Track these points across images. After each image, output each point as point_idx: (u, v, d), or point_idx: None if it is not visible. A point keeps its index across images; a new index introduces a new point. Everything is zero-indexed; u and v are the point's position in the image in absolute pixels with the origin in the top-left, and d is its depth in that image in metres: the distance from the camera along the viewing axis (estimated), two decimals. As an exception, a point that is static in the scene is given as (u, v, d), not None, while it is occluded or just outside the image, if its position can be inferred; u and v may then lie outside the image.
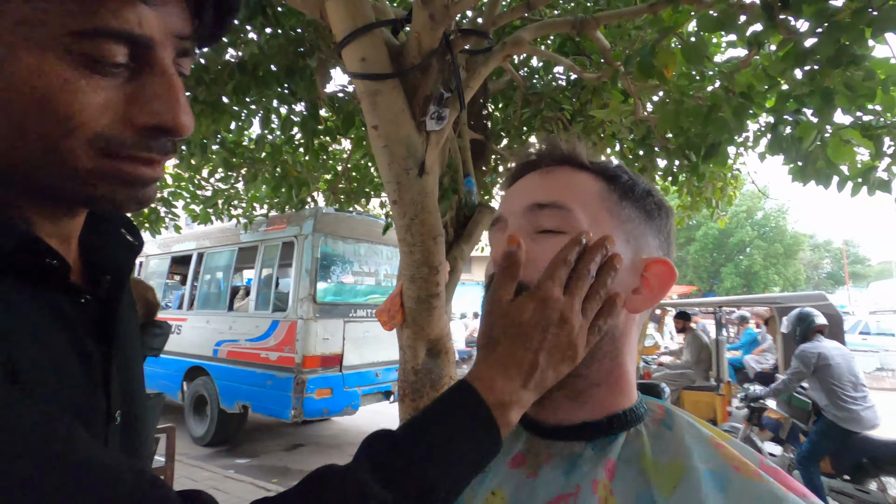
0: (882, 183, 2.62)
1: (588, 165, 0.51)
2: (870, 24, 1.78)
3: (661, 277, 0.49)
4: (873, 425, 3.36)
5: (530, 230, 0.49)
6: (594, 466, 0.44)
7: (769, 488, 0.39)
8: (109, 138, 0.34)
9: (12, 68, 0.31)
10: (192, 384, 5.77)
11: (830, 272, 39.95)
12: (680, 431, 0.46)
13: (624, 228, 0.49)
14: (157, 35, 0.34)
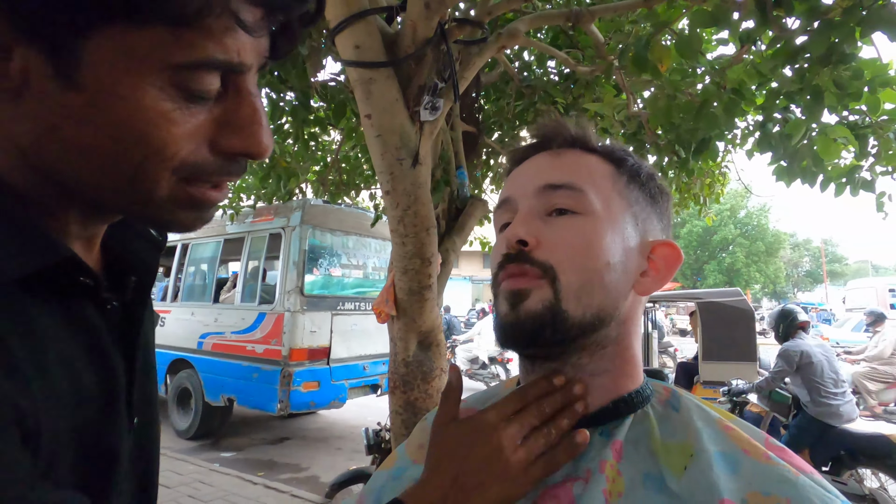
0: (865, 182, 2.68)
1: (597, 148, 0.51)
2: (860, 24, 1.81)
3: (668, 260, 0.49)
4: (851, 419, 3.46)
5: (542, 211, 0.49)
6: (602, 448, 0.44)
7: (780, 471, 0.39)
8: (194, 166, 0.34)
9: (110, 99, 0.30)
10: (176, 377, 5.69)
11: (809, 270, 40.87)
12: (688, 413, 0.46)
13: (632, 211, 0.49)
14: (249, 61, 0.34)
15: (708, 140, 2.58)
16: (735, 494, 0.38)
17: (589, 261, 0.46)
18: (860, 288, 18.46)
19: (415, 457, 0.55)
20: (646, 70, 2.08)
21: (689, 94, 2.54)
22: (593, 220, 0.47)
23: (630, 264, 0.48)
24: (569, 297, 0.45)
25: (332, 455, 5.07)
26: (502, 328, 0.46)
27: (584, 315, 0.45)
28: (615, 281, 0.46)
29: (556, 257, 0.46)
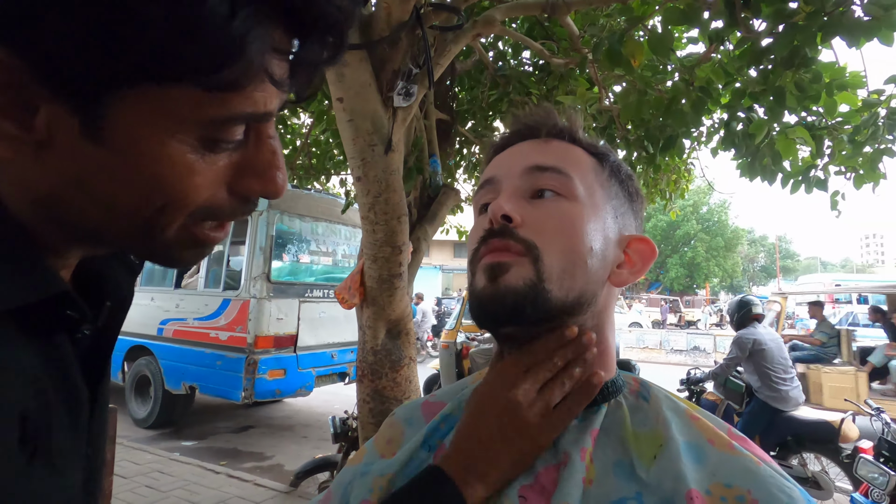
0: (819, 181, 2.80)
1: (583, 141, 0.52)
2: (822, 28, 1.88)
3: (643, 254, 0.51)
4: (798, 404, 3.66)
5: (526, 192, 0.48)
6: (581, 434, 0.45)
7: (743, 462, 0.40)
8: (210, 209, 0.34)
9: (135, 154, 0.30)
10: (135, 364, 5.49)
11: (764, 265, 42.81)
12: (657, 403, 0.47)
13: (612, 204, 0.50)
14: (274, 109, 0.33)
15: (675, 137, 2.64)
16: (700, 484, 0.39)
17: (573, 243, 0.46)
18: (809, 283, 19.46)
19: (383, 451, 0.54)
20: (619, 65, 2.10)
21: (660, 91, 2.59)
22: (579, 205, 0.47)
23: (609, 254, 0.48)
24: (552, 277, 0.44)
25: (298, 443, 5.03)
26: (480, 302, 0.46)
27: (566, 297, 0.45)
28: (595, 267, 0.47)
29: (540, 237, 0.45)
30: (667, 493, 0.39)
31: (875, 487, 2.24)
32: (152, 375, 5.30)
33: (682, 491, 0.38)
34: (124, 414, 5.36)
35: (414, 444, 0.51)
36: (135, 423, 5.30)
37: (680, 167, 4.09)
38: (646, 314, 20.67)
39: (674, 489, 0.39)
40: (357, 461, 0.55)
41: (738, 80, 2.46)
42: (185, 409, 5.40)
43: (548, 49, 2.87)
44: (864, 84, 2.50)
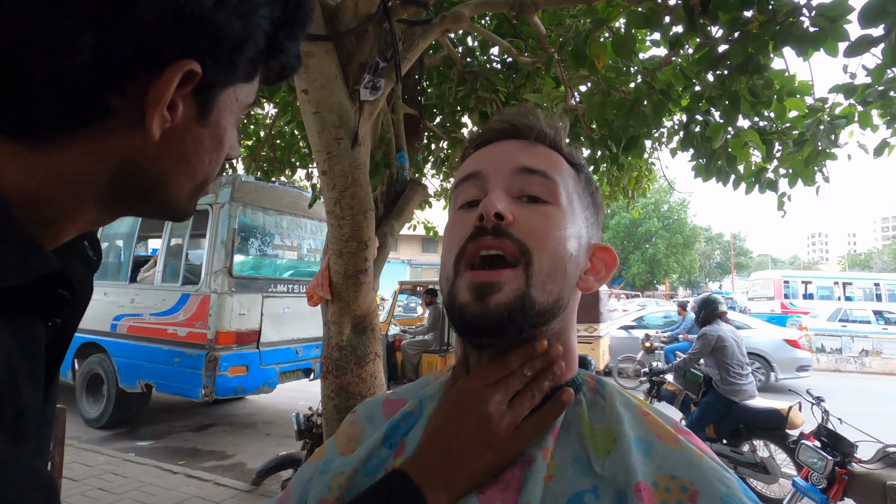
0: (770, 183, 2.94)
1: (564, 150, 0.53)
2: (774, 37, 1.97)
3: (607, 262, 0.53)
4: (752, 396, 3.86)
5: (514, 192, 0.49)
6: (543, 434, 0.46)
7: (687, 455, 0.42)
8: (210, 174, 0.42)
9: (219, 130, 0.40)
10: (86, 362, 5.25)
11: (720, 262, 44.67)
12: (612, 399, 0.49)
13: (585, 214, 0.52)
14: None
15: (637, 137, 2.72)
16: (648, 477, 0.41)
17: (558, 248, 0.47)
18: (760, 279, 20.45)
19: (342, 449, 0.54)
20: (584, 65, 2.14)
21: (623, 92, 2.66)
22: (562, 212, 0.49)
23: (581, 261, 0.50)
24: (538, 282, 0.45)
25: (261, 441, 4.93)
26: (463, 316, 0.45)
27: (547, 301, 0.46)
28: (572, 272, 0.48)
29: (530, 239, 0.46)
30: (619, 486, 0.41)
31: (814, 472, 2.39)
32: (105, 373, 5.08)
33: (631, 483, 0.40)
34: (75, 414, 5.12)
35: (374, 442, 0.51)
36: (86, 424, 5.07)
37: (642, 166, 4.21)
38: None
39: (625, 481, 0.41)
40: (317, 458, 0.55)
41: (696, 84, 2.55)
42: (140, 407, 5.21)
43: (515, 47, 2.89)
44: (811, 91, 2.64)
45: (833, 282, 18.95)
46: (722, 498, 0.39)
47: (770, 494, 3.86)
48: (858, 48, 1.82)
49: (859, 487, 2.29)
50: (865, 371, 11.12)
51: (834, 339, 11.90)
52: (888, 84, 2.20)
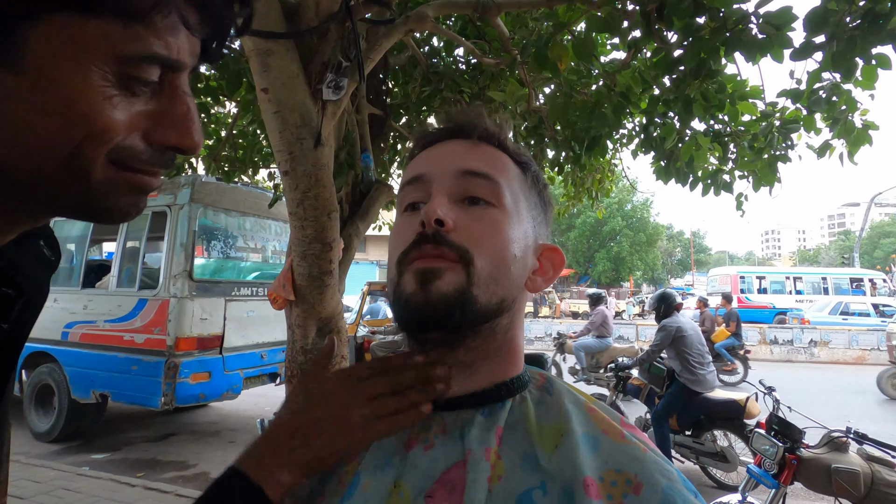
0: (726, 184, 3.07)
1: (509, 149, 0.53)
2: (724, 43, 2.05)
3: (554, 262, 0.53)
4: (713, 387, 4.01)
5: (458, 195, 0.49)
6: (485, 433, 0.46)
7: (631, 449, 0.43)
8: (128, 151, 0.34)
9: (53, 83, 0.31)
10: (35, 372, 4.97)
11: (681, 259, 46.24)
12: (559, 397, 0.49)
13: (532, 213, 0.52)
14: (186, 60, 0.35)
15: (599, 138, 2.78)
16: (595, 472, 0.42)
17: (501, 251, 0.47)
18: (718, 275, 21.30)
19: None
20: (546, 67, 2.18)
21: (585, 94, 2.71)
22: (506, 214, 0.48)
23: (527, 261, 0.50)
24: (480, 283, 0.45)
25: (225, 449, 4.79)
26: (407, 307, 0.45)
27: (489, 301, 0.46)
28: (517, 274, 0.48)
29: (471, 243, 0.46)
30: (566, 481, 0.41)
31: (766, 458, 2.51)
32: (56, 384, 4.82)
33: (579, 478, 0.41)
34: (22, 428, 4.84)
35: None
36: (35, 438, 4.80)
37: (604, 167, 4.31)
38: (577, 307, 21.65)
39: (572, 477, 0.41)
40: None
41: (654, 87, 2.64)
42: (95, 419, 4.97)
43: (479, 49, 2.91)
44: (761, 95, 2.76)
45: (785, 276, 19.94)
46: (664, 489, 0.40)
47: (729, 482, 4.03)
48: (803, 53, 1.92)
49: (807, 471, 2.41)
50: (814, 360, 11.74)
51: (785, 331, 12.51)
52: (830, 90, 2.33)
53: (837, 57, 1.80)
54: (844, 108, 2.37)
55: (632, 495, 0.40)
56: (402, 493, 0.44)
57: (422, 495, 0.44)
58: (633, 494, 0.40)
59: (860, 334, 11.81)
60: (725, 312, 8.89)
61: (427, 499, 0.43)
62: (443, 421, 0.48)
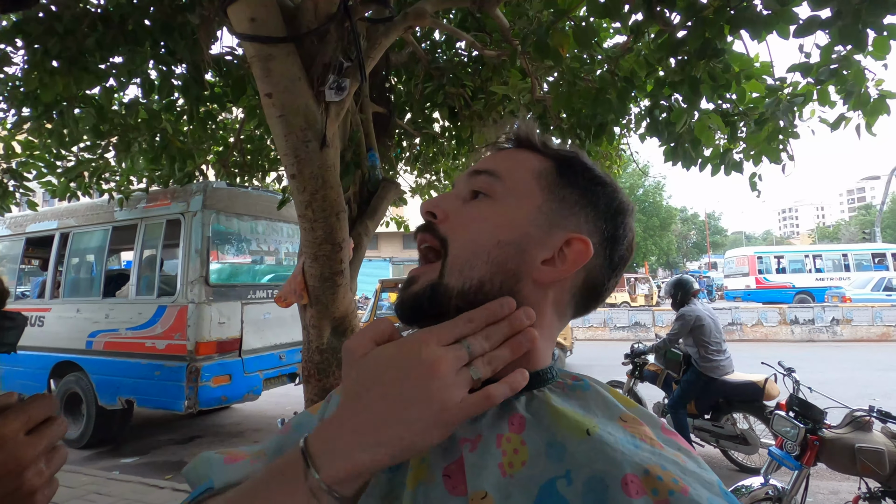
0: (736, 164, 3.02)
1: (538, 146, 0.55)
2: (729, 22, 2.01)
3: (575, 254, 0.50)
4: (729, 371, 3.97)
5: (465, 193, 0.53)
6: (497, 420, 0.45)
7: (672, 458, 0.42)
8: None
9: None
10: (63, 381, 5.11)
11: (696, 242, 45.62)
12: (594, 391, 0.49)
13: (552, 205, 0.51)
14: None
15: (605, 124, 2.76)
16: (638, 468, 0.40)
17: (479, 236, 0.49)
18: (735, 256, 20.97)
19: None
20: (547, 55, 2.16)
21: (588, 81, 2.69)
22: (499, 204, 0.50)
23: (529, 250, 0.49)
24: (453, 270, 0.48)
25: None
26: (397, 303, 0.51)
27: (463, 285, 0.47)
28: (504, 259, 0.48)
29: (453, 232, 0.50)
30: (596, 472, 0.40)
31: (788, 440, 2.48)
32: (83, 392, 4.95)
33: (616, 475, 0.39)
34: (54, 435, 4.98)
35: None
36: (66, 445, 4.94)
37: (612, 153, 4.27)
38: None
39: (605, 471, 0.40)
40: (315, 410, 0.59)
41: (659, 70, 2.60)
42: (122, 424, 5.10)
43: (480, 41, 2.90)
44: (770, 72, 2.71)
45: (804, 255, 19.57)
46: (707, 501, 0.39)
47: (751, 464, 3.99)
48: (807, 29, 1.88)
49: (830, 452, 2.38)
50: (837, 339, 11.54)
51: (806, 310, 12.31)
52: (840, 62, 2.27)
53: (844, 31, 1.76)
54: (854, 83, 2.31)
55: (679, 494, 0.38)
56: (425, 460, 0.46)
57: (440, 470, 0.44)
58: (680, 494, 0.38)
59: (884, 310, 11.56)
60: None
61: (445, 477, 0.44)
62: None
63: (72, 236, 5.56)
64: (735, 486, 2.56)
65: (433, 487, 0.44)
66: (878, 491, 2.39)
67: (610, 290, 0.56)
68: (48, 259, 5.72)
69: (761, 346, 10.79)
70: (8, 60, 2.71)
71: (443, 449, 0.45)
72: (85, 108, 3.15)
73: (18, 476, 0.39)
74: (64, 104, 3.04)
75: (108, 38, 2.49)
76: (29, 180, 4.49)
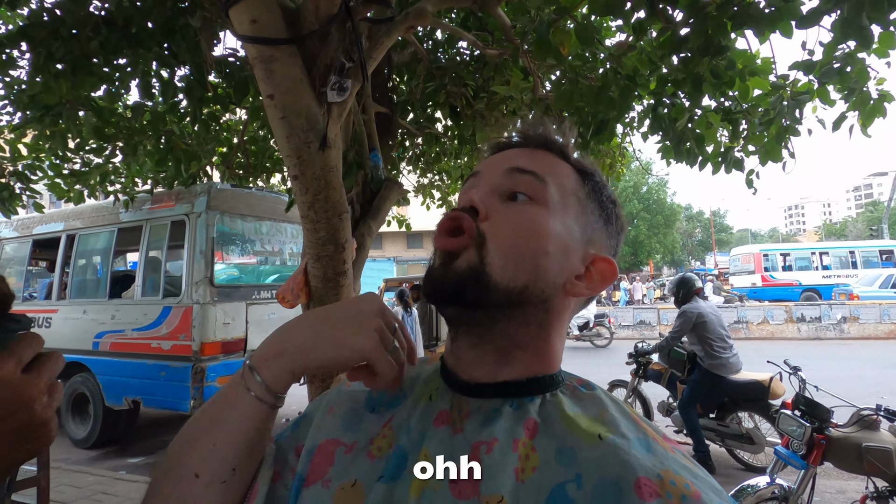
0: (737, 162, 3.00)
1: (569, 156, 0.54)
2: (732, 19, 2.00)
3: (604, 274, 0.52)
4: (737, 370, 3.94)
5: (502, 191, 0.51)
6: (514, 424, 0.46)
7: (683, 462, 0.43)
8: None
9: None
10: (70, 382, 5.15)
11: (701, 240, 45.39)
12: (601, 395, 0.49)
13: (585, 219, 0.52)
14: None
15: (606, 122, 2.75)
16: (652, 472, 0.40)
17: (528, 243, 0.48)
18: (741, 254, 20.85)
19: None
20: (549, 53, 2.16)
21: (590, 79, 2.68)
22: (545, 211, 0.50)
23: (567, 263, 0.50)
24: (494, 264, 0.47)
25: (255, 449, 4.89)
26: (429, 280, 0.49)
27: (508, 284, 0.47)
28: (548, 268, 0.48)
29: (496, 231, 0.48)
30: (608, 476, 0.40)
31: (794, 439, 2.47)
32: (90, 392, 4.99)
33: (629, 478, 0.39)
34: (61, 436, 5.03)
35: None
36: (73, 445, 4.99)
37: (614, 152, 4.25)
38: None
39: (618, 475, 0.40)
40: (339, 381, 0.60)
41: (662, 67, 2.59)
42: (129, 424, 5.14)
43: (482, 40, 2.90)
44: (772, 70, 2.69)
45: (810, 252, 19.43)
46: None
47: (757, 464, 3.97)
48: (810, 20, 1.86)
49: (837, 451, 2.37)
50: (844, 337, 11.46)
51: (812, 307, 12.22)
52: (844, 60, 2.25)
53: (846, 24, 1.74)
54: (857, 80, 2.29)
55: (692, 499, 0.38)
56: (431, 462, 0.45)
57: (447, 479, 0.44)
58: (693, 499, 0.38)
59: (892, 308, 11.46)
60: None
61: (451, 483, 0.43)
62: (468, 406, 0.49)
63: (78, 238, 5.60)
64: (741, 486, 2.55)
65: (439, 494, 0.43)
66: (885, 490, 2.37)
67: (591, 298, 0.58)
68: (55, 261, 5.77)
69: (767, 344, 10.73)
70: (13, 64, 2.74)
71: (448, 455, 0.45)
72: (88, 111, 3.17)
73: (28, 410, 0.42)
74: (67, 107, 3.06)
75: (111, 41, 2.51)
76: (35, 182, 4.53)
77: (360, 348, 0.46)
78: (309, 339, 0.47)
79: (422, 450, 0.46)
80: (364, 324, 0.47)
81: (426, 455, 0.46)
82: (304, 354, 0.47)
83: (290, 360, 0.47)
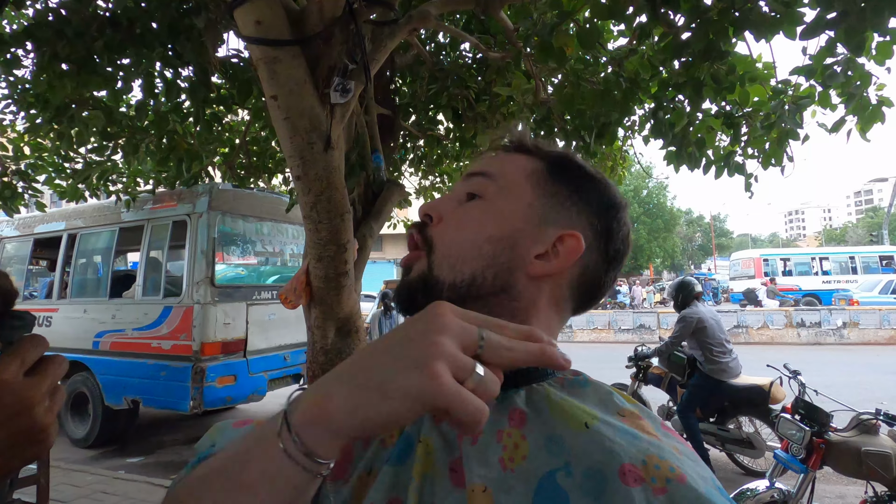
0: (738, 166, 3.01)
1: (529, 148, 0.57)
2: (733, 23, 2.01)
3: (567, 249, 0.51)
4: (737, 374, 3.94)
5: (461, 196, 0.55)
6: (498, 416, 0.46)
7: (670, 448, 0.42)
8: None
9: None
10: (69, 381, 5.15)
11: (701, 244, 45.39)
12: (593, 385, 0.49)
13: (544, 201, 0.53)
14: None
15: (608, 125, 2.76)
16: (636, 458, 0.40)
17: (468, 234, 0.51)
18: (741, 259, 20.85)
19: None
20: (551, 56, 2.17)
21: (592, 83, 2.69)
22: (489, 202, 0.53)
23: (521, 244, 0.51)
24: (442, 265, 0.50)
25: (254, 449, 4.89)
26: (395, 295, 0.54)
27: (455, 279, 0.49)
28: (495, 254, 0.50)
29: (442, 233, 0.52)
30: (595, 463, 0.40)
31: (793, 443, 2.47)
32: (90, 391, 4.99)
33: (613, 465, 0.40)
34: (60, 435, 5.03)
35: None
36: (73, 444, 4.98)
37: (616, 155, 4.27)
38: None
39: (604, 461, 0.40)
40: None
41: (663, 71, 2.60)
42: (128, 424, 5.13)
43: (484, 43, 2.91)
44: (773, 75, 2.70)
45: (810, 257, 19.44)
46: (704, 493, 0.39)
47: (757, 468, 3.97)
48: (814, 30, 1.88)
49: (836, 455, 2.37)
50: (844, 342, 11.45)
51: (812, 313, 12.22)
52: (845, 64, 2.26)
53: (849, 32, 1.76)
54: (859, 84, 2.30)
55: (676, 482, 0.39)
56: (431, 453, 0.46)
57: (446, 464, 0.45)
58: (677, 482, 0.39)
59: (891, 313, 11.46)
60: None
61: (451, 471, 0.44)
62: None
63: (79, 237, 5.61)
64: (740, 490, 2.55)
65: (439, 480, 0.44)
66: (884, 495, 2.37)
67: (609, 284, 0.56)
68: (56, 260, 5.78)
69: (767, 349, 10.72)
70: (18, 63, 2.75)
71: (448, 444, 0.46)
72: (93, 111, 3.18)
73: (29, 415, 0.41)
74: (73, 107, 3.08)
75: (116, 41, 2.52)
76: (38, 181, 4.54)
77: (420, 393, 0.31)
78: (353, 394, 0.32)
79: (422, 437, 0.47)
80: (419, 356, 0.32)
81: (427, 444, 0.46)
82: (350, 416, 0.32)
83: (335, 424, 0.33)
